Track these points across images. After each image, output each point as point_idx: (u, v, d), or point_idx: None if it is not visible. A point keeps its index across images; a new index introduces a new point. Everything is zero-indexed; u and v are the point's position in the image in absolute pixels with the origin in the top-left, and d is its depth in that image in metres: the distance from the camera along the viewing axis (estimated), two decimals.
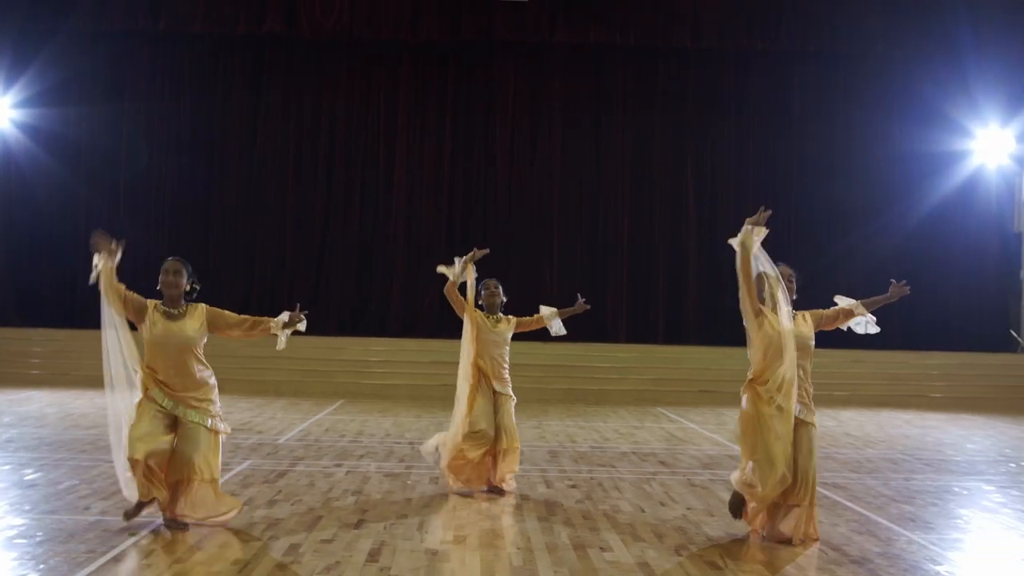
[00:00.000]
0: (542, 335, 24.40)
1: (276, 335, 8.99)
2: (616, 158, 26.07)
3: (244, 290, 24.90)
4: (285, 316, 9.07)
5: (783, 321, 8.48)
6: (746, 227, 8.65)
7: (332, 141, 25.94)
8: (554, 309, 11.39)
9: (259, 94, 25.87)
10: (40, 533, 8.08)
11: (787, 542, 8.30)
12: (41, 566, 7.13)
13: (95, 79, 25.31)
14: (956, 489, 11.43)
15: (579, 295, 11.54)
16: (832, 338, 8.99)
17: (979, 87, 25.43)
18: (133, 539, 7.95)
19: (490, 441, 10.40)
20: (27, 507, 9.09)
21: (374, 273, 25.57)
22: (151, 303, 8.57)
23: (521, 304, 11.27)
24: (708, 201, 26.08)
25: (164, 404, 8.32)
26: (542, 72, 26.15)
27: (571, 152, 26.08)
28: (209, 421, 8.45)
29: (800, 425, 8.50)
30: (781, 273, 8.77)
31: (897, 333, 25.09)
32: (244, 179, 25.60)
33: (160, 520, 8.42)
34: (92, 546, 7.68)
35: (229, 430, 8.77)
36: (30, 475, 10.65)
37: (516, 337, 11.03)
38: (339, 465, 11.94)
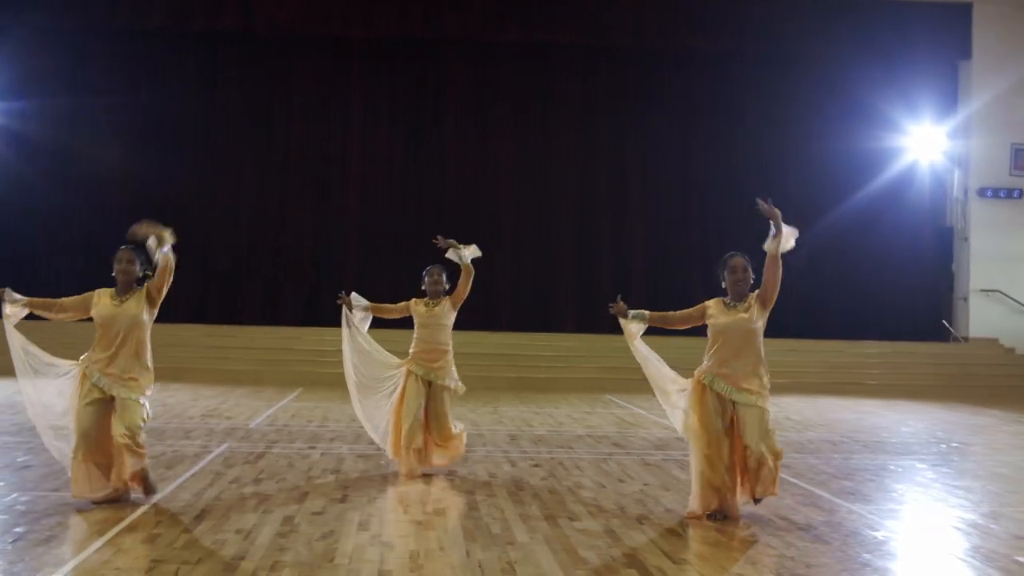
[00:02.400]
0: (490, 324, 25.06)
1: (161, 254, 9.07)
2: (563, 152, 26.80)
3: (201, 282, 25.40)
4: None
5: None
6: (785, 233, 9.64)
7: (287, 134, 26.49)
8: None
9: (215, 88, 26.36)
10: (49, 508, 8.64)
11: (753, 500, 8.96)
12: (60, 536, 7.71)
13: (53, 74, 25.63)
14: (892, 467, 12.26)
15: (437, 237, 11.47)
16: (769, 328, 9.49)
17: (913, 86, 26.40)
18: (138, 512, 8.53)
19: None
20: (29, 485, 9.66)
21: (329, 265, 26.11)
22: (96, 292, 9.12)
23: (472, 293, 11.58)
24: (652, 195, 26.85)
25: (100, 384, 8.80)
26: (491, 69, 26.80)
27: (519, 146, 26.77)
28: (140, 397, 8.92)
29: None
30: (736, 265, 9.56)
31: (834, 323, 26.08)
32: (200, 172, 26.07)
33: (159, 496, 9.09)
34: (103, 516, 8.29)
35: (150, 416, 9.15)
36: (22, 458, 11.17)
37: (461, 324, 11.55)
38: (313, 447, 12.59)
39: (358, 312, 11.53)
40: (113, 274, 9.14)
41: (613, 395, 21.08)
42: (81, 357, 9.01)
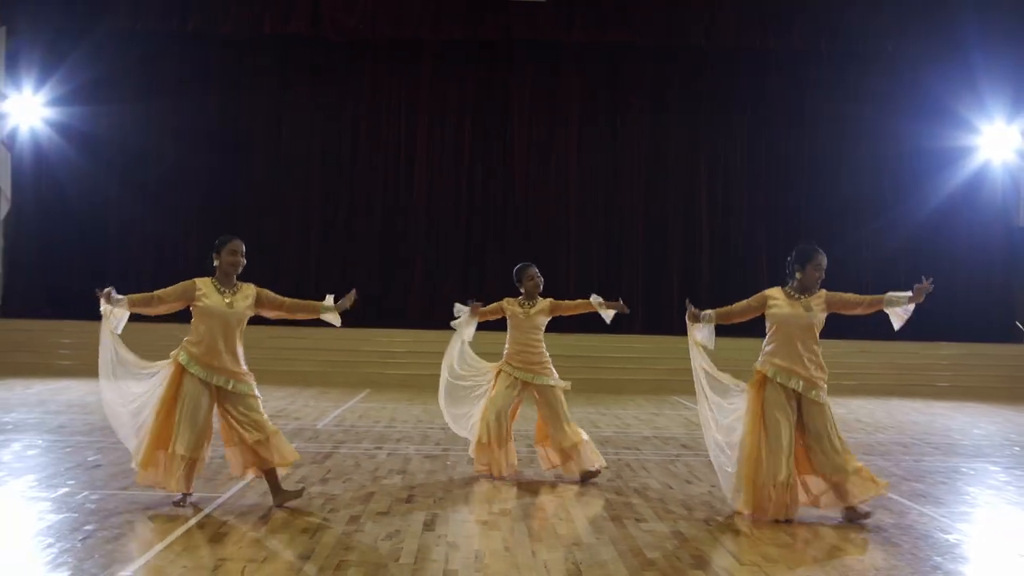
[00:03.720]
0: (561, 324, 25.13)
1: (326, 317, 9.71)
2: (632, 153, 26.65)
3: (270, 284, 25.50)
4: (330, 300, 9.86)
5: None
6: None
7: (355, 137, 26.53)
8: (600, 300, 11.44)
9: (284, 92, 26.46)
10: (119, 506, 8.75)
11: (863, 516, 8.87)
12: (128, 534, 7.81)
13: (126, 78, 25.84)
14: (964, 470, 12.10)
15: (620, 299, 11.62)
16: (840, 328, 9.53)
17: (985, 84, 25.94)
18: (206, 511, 8.60)
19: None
20: (99, 484, 9.77)
21: (396, 265, 26.18)
22: (194, 283, 9.06)
23: (541, 294, 11.61)
24: (721, 196, 26.66)
25: (204, 377, 8.81)
26: (559, 70, 26.73)
27: (588, 147, 26.66)
28: (256, 390, 9.10)
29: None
30: (823, 262, 9.63)
31: (905, 324, 25.73)
32: (270, 176, 26.17)
33: (224, 495, 9.17)
34: (171, 516, 8.37)
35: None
36: (92, 457, 11.30)
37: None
38: (380, 448, 12.62)
39: (467, 323, 11.22)
40: (218, 263, 9.12)
41: (681, 396, 20.92)
42: (172, 353, 9.00)
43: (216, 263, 9.11)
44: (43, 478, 10.00)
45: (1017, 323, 26.44)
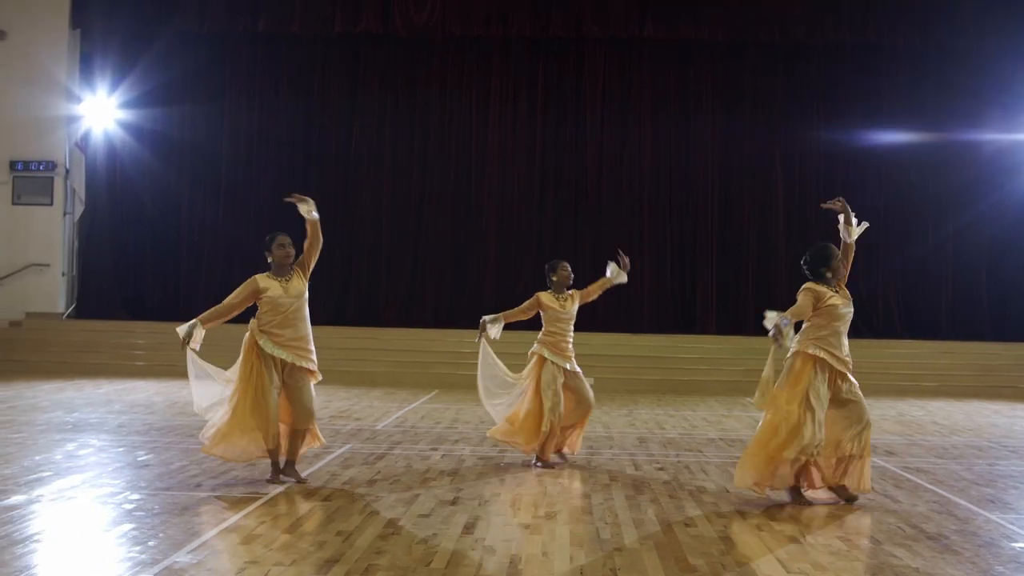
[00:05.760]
0: (634, 325, 24.89)
1: (311, 218, 10.40)
2: (705, 151, 26.20)
3: (341, 284, 25.55)
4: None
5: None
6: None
7: (425, 136, 26.37)
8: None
9: (355, 91, 26.37)
10: (157, 506, 8.64)
11: (851, 499, 9.41)
12: (160, 535, 7.65)
13: (197, 79, 25.97)
14: None
15: (618, 251, 12.26)
16: (921, 329, 9.61)
17: None
18: (242, 512, 8.46)
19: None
20: (143, 484, 9.68)
21: (467, 266, 26.02)
22: (255, 280, 9.94)
23: (610, 296, 11.95)
24: (797, 194, 26.14)
25: (275, 353, 9.73)
26: (631, 66, 26.39)
27: (661, 145, 26.26)
28: (312, 366, 9.95)
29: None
30: (836, 266, 9.93)
31: (988, 324, 25.12)
32: (341, 175, 26.11)
33: (266, 496, 9.02)
34: (205, 518, 8.23)
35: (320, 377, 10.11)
36: (143, 456, 11.25)
37: (605, 326, 11.73)
38: (435, 449, 12.40)
39: (493, 330, 11.85)
40: (272, 259, 10.02)
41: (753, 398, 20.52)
42: (245, 337, 9.87)
43: (269, 259, 10.05)
44: (89, 478, 9.91)
45: None
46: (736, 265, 25.97)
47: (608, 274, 12.01)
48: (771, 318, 9.20)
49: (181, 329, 9.66)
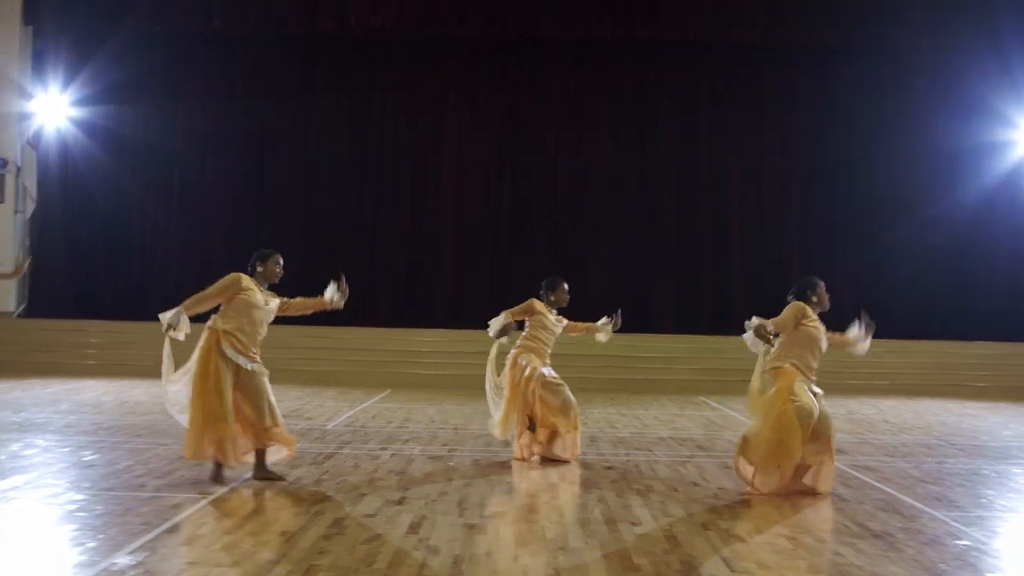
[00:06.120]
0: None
1: (330, 304, 10.82)
2: (662, 151, 26.26)
3: (295, 284, 25.33)
4: (332, 288, 10.81)
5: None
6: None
7: (382, 136, 26.30)
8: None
9: (311, 92, 26.27)
10: (99, 507, 8.54)
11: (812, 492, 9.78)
12: (100, 536, 7.55)
13: (151, 78, 25.78)
14: (986, 472, 11.66)
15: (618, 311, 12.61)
16: (877, 329, 9.82)
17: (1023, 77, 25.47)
18: (185, 512, 8.38)
19: None
20: (86, 484, 9.57)
21: (423, 266, 25.95)
22: (243, 277, 10.02)
23: (571, 296, 12.03)
24: (753, 194, 26.26)
25: (234, 358, 9.68)
26: (589, 67, 26.38)
27: (618, 145, 26.27)
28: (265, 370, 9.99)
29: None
30: (821, 293, 10.28)
31: (941, 323, 25.27)
32: (296, 175, 26.01)
33: (210, 496, 8.94)
34: (147, 519, 8.10)
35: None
36: (88, 456, 11.13)
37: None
38: (384, 448, 12.35)
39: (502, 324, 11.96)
40: (263, 271, 10.17)
41: (708, 397, 20.61)
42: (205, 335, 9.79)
43: (261, 269, 10.15)
44: (32, 479, 9.78)
45: None
46: (692, 265, 26.02)
47: (599, 324, 12.40)
48: (756, 321, 9.55)
49: (165, 316, 9.53)
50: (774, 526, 8.45)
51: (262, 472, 9.86)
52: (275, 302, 10.23)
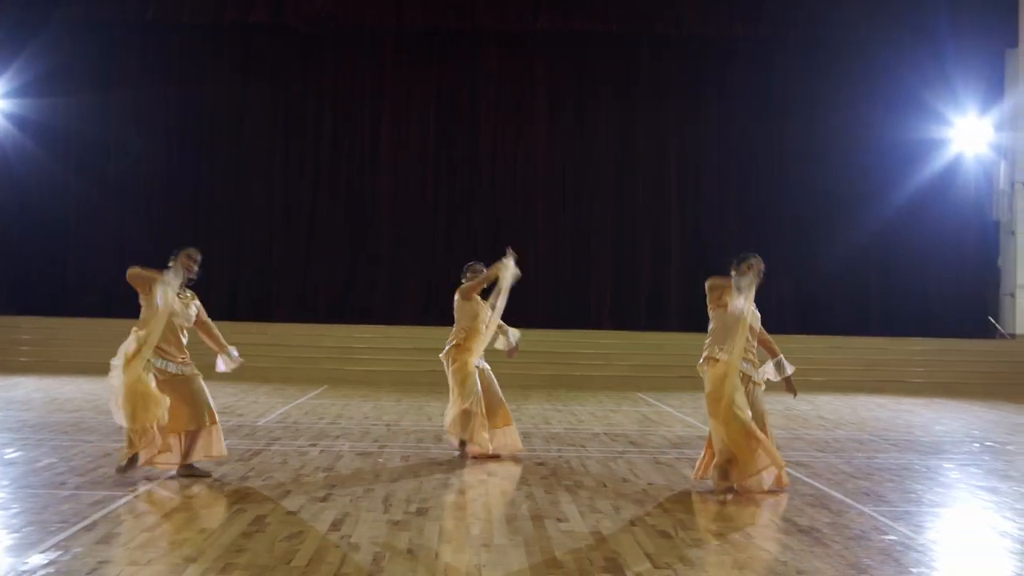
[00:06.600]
0: (529, 320, 24.89)
1: (221, 356, 10.46)
2: (600, 145, 26.26)
3: (231, 277, 25.20)
4: (235, 351, 10.53)
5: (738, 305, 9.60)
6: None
7: (318, 129, 26.14)
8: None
9: (247, 82, 26.08)
10: (16, 505, 8.38)
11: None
12: (15, 534, 7.39)
13: (84, 68, 25.48)
14: (916, 467, 11.68)
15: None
16: (810, 324, 9.81)
17: (958, 75, 25.67)
18: (105, 510, 8.21)
19: None
20: (5, 482, 9.37)
21: (360, 260, 25.80)
22: (159, 278, 9.67)
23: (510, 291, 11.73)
24: (691, 187, 26.32)
25: (162, 367, 9.60)
26: (526, 59, 26.33)
27: (555, 138, 26.26)
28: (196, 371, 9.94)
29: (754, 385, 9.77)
30: (756, 267, 9.75)
31: (876, 319, 25.43)
32: (232, 167, 25.80)
33: (131, 494, 8.79)
34: (65, 516, 7.94)
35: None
36: (11, 454, 10.92)
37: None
38: (314, 445, 12.21)
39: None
40: (182, 269, 9.76)
41: (645, 393, 20.57)
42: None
43: (172, 264, 9.80)
44: None
45: (990, 318, 26.10)
46: (630, 258, 26.01)
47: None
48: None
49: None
50: (701, 521, 8.42)
51: (187, 469, 9.68)
52: (192, 302, 10.01)
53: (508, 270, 11.39)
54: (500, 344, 11.76)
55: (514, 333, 11.83)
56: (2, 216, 25.19)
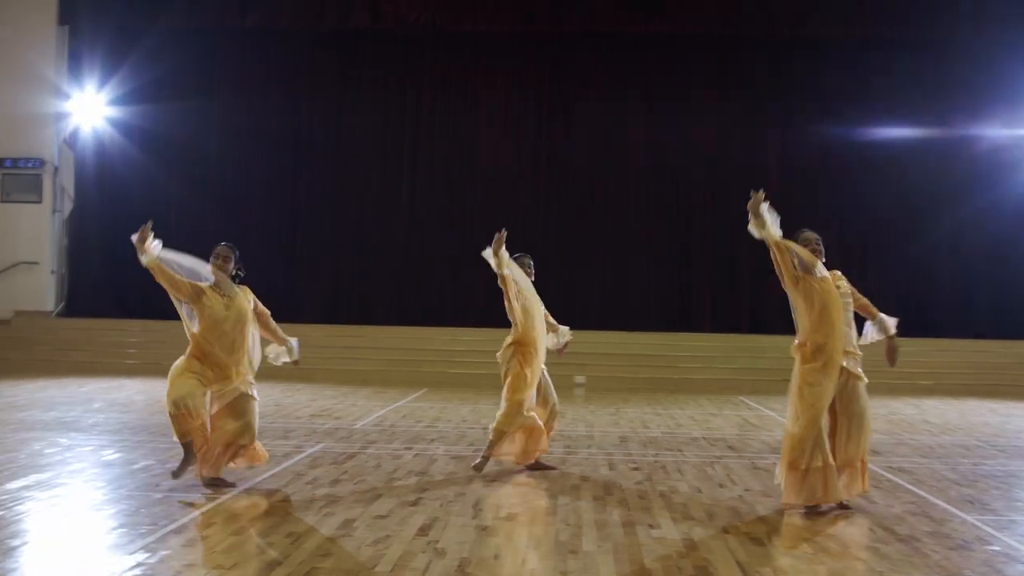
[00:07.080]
0: (628, 323, 24.67)
1: (281, 348, 10.12)
2: (699, 147, 25.87)
3: (331, 281, 25.36)
4: (295, 342, 10.15)
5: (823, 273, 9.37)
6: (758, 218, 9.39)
7: (416, 132, 26.14)
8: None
9: (345, 87, 26.18)
10: (109, 507, 8.43)
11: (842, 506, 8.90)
12: (106, 536, 7.44)
13: (185, 76, 25.74)
14: None
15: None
16: (917, 326, 9.40)
17: None
18: (195, 513, 8.26)
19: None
20: (101, 483, 9.47)
21: (462, 263, 25.76)
22: (206, 287, 9.92)
23: (610, 294, 11.52)
24: (793, 192, 25.86)
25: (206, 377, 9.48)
26: (618, 61, 26.10)
27: (654, 141, 25.96)
28: (252, 390, 9.52)
29: (851, 377, 9.01)
30: (807, 238, 9.53)
31: (985, 322, 24.80)
32: (331, 172, 25.91)
33: (223, 496, 8.83)
34: (155, 519, 7.98)
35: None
36: (109, 455, 11.04)
37: (599, 324, 11.46)
38: (409, 448, 12.16)
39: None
40: (221, 269, 10.14)
41: (747, 396, 20.28)
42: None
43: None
44: (46, 479, 9.66)
45: None
46: (731, 262, 25.65)
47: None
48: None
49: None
50: (797, 530, 8.21)
51: (181, 472, 9.33)
52: (241, 299, 9.89)
53: (490, 261, 11.17)
54: (549, 343, 11.15)
55: (564, 331, 11.36)
56: (108, 221, 25.50)
